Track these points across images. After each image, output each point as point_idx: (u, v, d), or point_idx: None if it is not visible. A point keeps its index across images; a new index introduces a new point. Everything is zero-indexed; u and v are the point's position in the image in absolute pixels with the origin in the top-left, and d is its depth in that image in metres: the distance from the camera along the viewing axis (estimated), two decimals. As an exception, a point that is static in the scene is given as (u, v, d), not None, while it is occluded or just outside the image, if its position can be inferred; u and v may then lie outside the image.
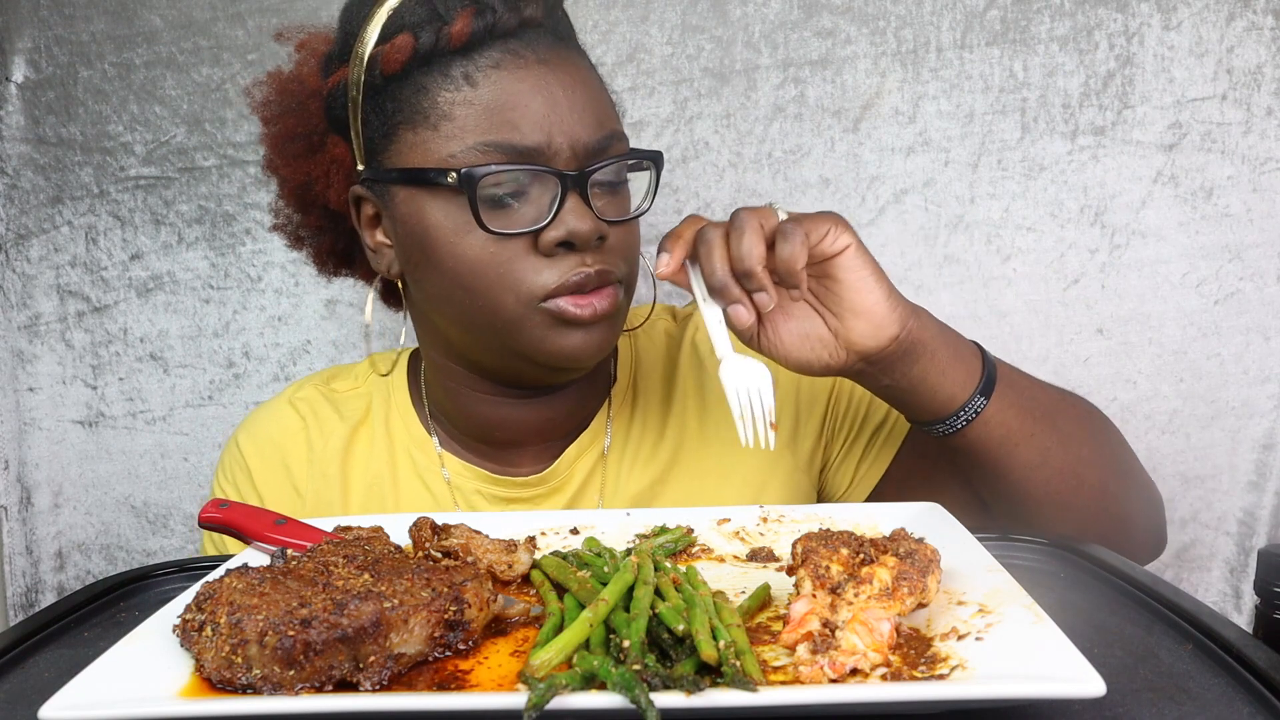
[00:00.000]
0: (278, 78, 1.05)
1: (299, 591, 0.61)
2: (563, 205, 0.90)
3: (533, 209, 0.91)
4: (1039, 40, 1.37)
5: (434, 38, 0.91)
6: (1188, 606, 0.65)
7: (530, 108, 0.91)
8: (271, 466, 1.09)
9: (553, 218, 0.90)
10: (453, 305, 0.96)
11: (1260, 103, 1.36)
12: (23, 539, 1.55)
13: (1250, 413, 1.42)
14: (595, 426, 1.09)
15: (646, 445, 1.09)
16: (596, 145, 0.93)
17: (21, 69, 1.45)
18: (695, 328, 1.15)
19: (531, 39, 0.93)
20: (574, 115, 0.92)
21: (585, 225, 0.90)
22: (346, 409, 1.12)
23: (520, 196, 0.91)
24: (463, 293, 0.94)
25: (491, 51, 0.91)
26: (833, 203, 1.43)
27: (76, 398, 1.53)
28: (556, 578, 0.72)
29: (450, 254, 0.93)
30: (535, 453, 1.08)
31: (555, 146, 0.91)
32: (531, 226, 0.90)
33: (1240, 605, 1.46)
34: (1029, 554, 0.79)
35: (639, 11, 1.40)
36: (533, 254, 0.91)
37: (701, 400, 1.11)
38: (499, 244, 0.91)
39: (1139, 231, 1.40)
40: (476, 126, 0.91)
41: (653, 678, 0.53)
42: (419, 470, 1.08)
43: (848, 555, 0.66)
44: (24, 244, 1.49)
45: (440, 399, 1.09)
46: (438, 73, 0.92)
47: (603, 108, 0.96)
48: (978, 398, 0.89)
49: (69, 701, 0.53)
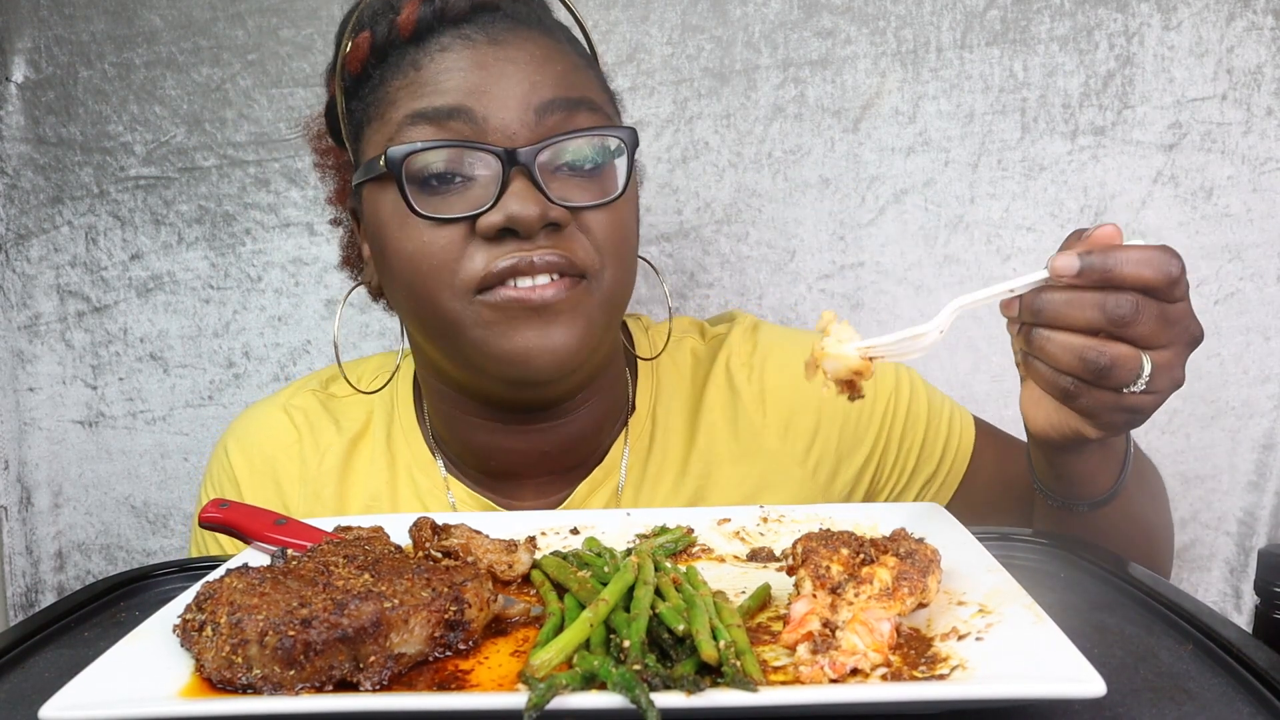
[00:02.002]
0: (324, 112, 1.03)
1: (299, 591, 0.61)
2: (505, 187, 0.81)
3: (477, 193, 0.83)
4: (1039, 40, 1.37)
5: (386, 30, 0.88)
6: (1188, 606, 0.65)
7: (465, 76, 0.83)
8: (261, 480, 1.04)
9: (495, 201, 0.81)
10: (406, 308, 0.90)
11: (1260, 103, 1.36)
12: (23, 539, 1.55)
13: (1250, 413, 1.42)
14: (609, 462, 1.00)
15: (667, 480, 1.01)
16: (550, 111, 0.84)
17: (21, 69, 1.45)
18: (730, 352, 1.04)
19: (486, 23, 0.87)
20: (524, 86, 0.83)
21: (528, 209, 0.80)
22: (345, 419, 1.05)
23: (463, 179, 0.83)
24: (406, 290, 0.87)
25: (441, 38, 0.87)
26: (833, 203, 1.43)
27: (76, 398, 1.53)
28: (556, 578, 0.72)
29: (395, 249, 0.86)
30: (540, 485, 1.01)
31: (498, 120, 0.82)
32: (469, 212, 0.82)
33: (1240, 605, 1.46)
34: (1029, 554, 0.79)
35: (639, 11, 1.40)
36: (474, 242, 0.83)
37: (733, 433, 1.01)
38: (434, 231, 0.83)
39: (1139, 231, 1.40)
40: (409, 99, 0.85)
41: (653, 678, 0.53)
42: (420, 493, 1.02)
43: (848, 555, 0.66)
44: (24, 244, 1.49)
45: (436, 424, 1.02)
46: (391, 66, 0.88)
47: (571, 78, 0.87)
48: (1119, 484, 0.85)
49: (69, 701, 0.53)
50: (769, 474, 1.02)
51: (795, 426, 1.03)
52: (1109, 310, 0.67)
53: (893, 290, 1.44)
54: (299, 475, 1.03)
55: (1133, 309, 0.67)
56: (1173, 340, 0.70)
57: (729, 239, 1.45)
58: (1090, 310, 0.67)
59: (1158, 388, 0.71)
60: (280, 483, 1.04)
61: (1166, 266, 0.67)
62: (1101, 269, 0.67)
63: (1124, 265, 0.67)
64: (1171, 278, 0.68)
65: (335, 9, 1.42)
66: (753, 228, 1.45)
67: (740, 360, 1.04)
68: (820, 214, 1.43)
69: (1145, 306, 0.68)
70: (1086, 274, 0.67)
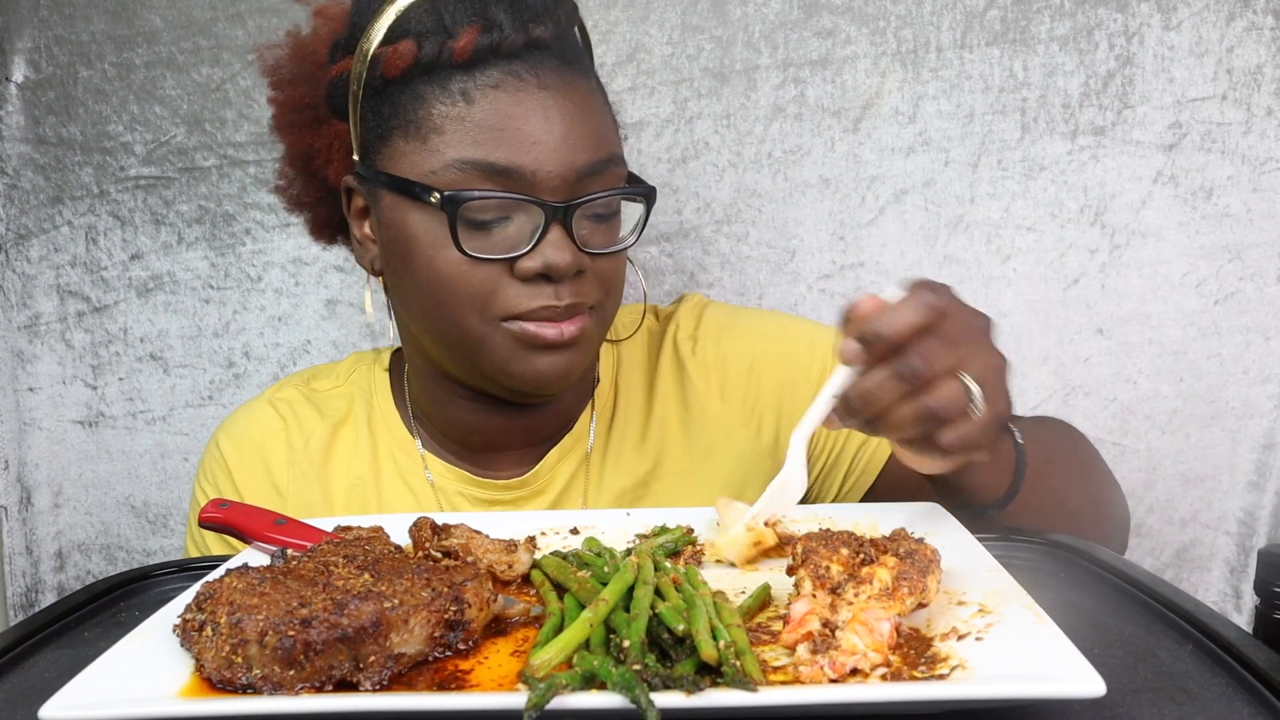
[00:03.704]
0: (293, 41, 1.04)
1: (299, 591, 0.61)
2: (544, 236, 0.89)
3: (514, 234, 0.91)
4: (1039, 40, 1.37)
5: (437, 50, 0.90)
6: (1188, 606, 0.65)
7: (520, 130, 0.89)
8: (251, 466, 1.09)
9: (532, 247, 0.89)
10: (424, 315, 0.96)
11: (1260, 103, 1.36)
12: (23, 539, 1.55)
13: (1250, 413, 1.42)
14: (579, 429, 1.08)
15: (629, 447, 1.09)
16: (589, 171, 0.92)
17: (21, 69, 1.45)
18: (676, 325, 1.13)
19: (536, 62, 0.91)
20: (568, 143, 0.90)
21: (564, 259, 0.89)
22: (328, 408, 1.11)
23: (503, 221, 0.91)
24: (433, 304, 0.94)
25: (493, 71, 0.90)
26: (833, 203, 1.43)
27: (76, 398, 1.53)
28: (556, 578, 0.72)
29: (426, 266, 0.92)
30: (517, 456, 1.08)
31: (544, 174, 0.89)
32: (509, 254, 0.90)
33: (1240, 605, 1.46)
34: (1029, 554, 0.79)
35: (639, 11, 1.40)
36: (507, 277, 0.91)
37: (683, 401, 1.10)
38: (474, 265, 0.91)
39: (1139, 231, 1.40)
40: (462, 142, 0.90)
41: (653, 678, 0.53)
42: (401, 471, 1.08)
43: (848, 555, 0.66)
44: (24, 244, 1.49)
45: (421, 401, 1.09)
46: (436, 85, 0.91)
47: (602, 133, 0.94)
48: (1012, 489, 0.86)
49: (69, 701, 0.53)
50: (715, 438, 1.09)
51: (734, 392, 1.10)
52: (903, 373, 0.70)
53: (893, 290, 1.43)
54: (287, 459, 1.09)
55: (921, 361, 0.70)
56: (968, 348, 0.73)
57: (729, 239, 1.45)
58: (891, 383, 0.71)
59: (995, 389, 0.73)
60: (270, 467, 1.08)
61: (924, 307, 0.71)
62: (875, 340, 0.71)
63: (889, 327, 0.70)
64: (939, 310, 0.71)
65: (335, 9, 1.41)
66: (753, 228, 1.45)
67: (686, 333, 1.13)
68: (820, 214, 1.43)
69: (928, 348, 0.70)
70: (871, 349, 0.71)
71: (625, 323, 1.14)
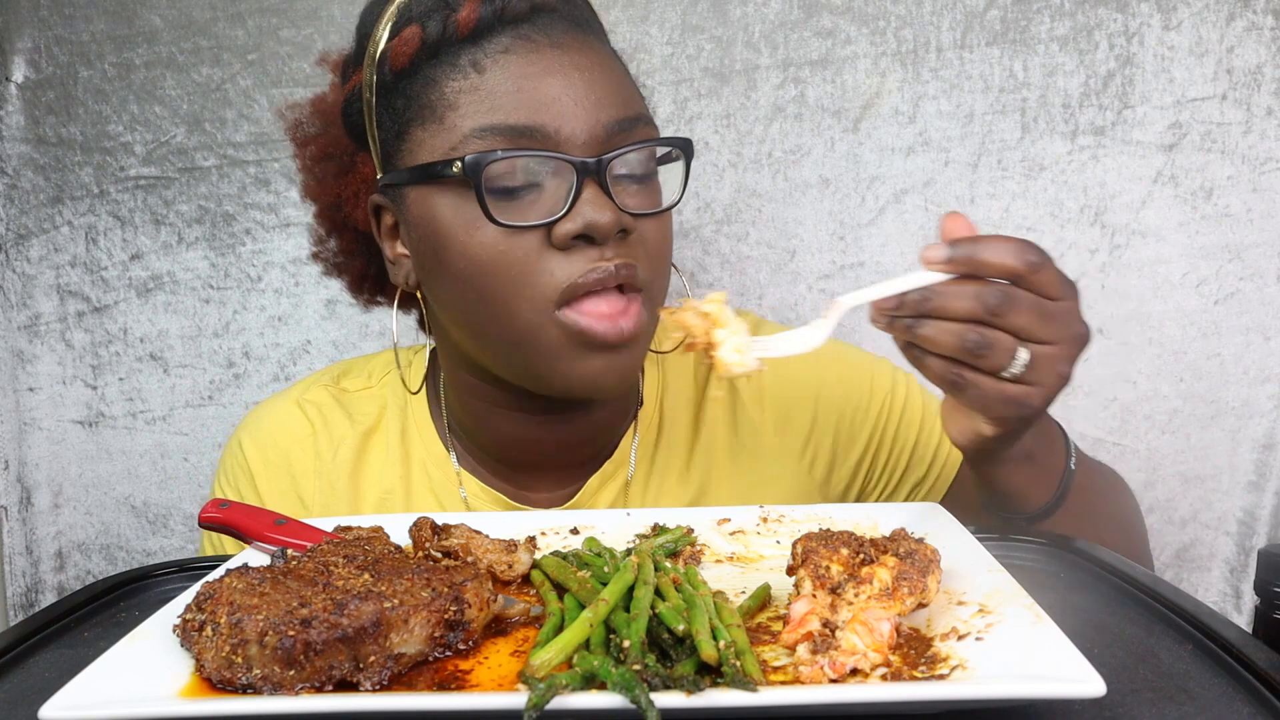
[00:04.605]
0: (312, 101, 1.02)
1: (299, 591, 0.61)
2: (579, 195, 0.83)
3: (548, 200, 0.85)
4: (1039, 40, 1.37)
5: (441, 27, 0.87)
6: (1188, 606, 0.65)
7: (538, 89, 0.84)
8: (276, 473, 1.04)
9: (568, 209, 0.83)
10: (465, 313, 0.90)
11: (1260, 103, 1.36)
12: (23, 539, 1.55)
13: (1250, 413, 1.42)
14: (620, 454, 1.03)
15: (672, 475, 1.03)
16: (618, 129, 0.86)
17: (21, 69, 1.45)
18: None
19: (545, 24, 0.88)
20: (591, 99, 0.85)
21: (605, 216, 0.82)
22: (358, 412, 1.05)
23: (533, 187, 0.85)
24: (475, 297, 0.87)
25: (501, 38, 0.86)
26: (833, 203, 1.43)
27: (76, 398, 1.53)
28: (556, 578, 0.72)
29: (461, 254, 0.87)
30: (556, 477, 1.03)
31: (569, 131, 0.84)
32: (545, 219, 0.84)
33: (1240, 605, 1.46)
34: (1029, 554, 0.79)
35: (639, 11, 1.40)
36: (547, 250, 0.84)
37: (733, 428, 1.04)
38: (510, 239, 0.84)
39: (1139, 231, 1.40)
40: (478, 111, 0.85)
41: (653, 678, 0.53)
42: (434, 486, 1.03)
43: (848, 555, 0.66)
44: (24, 244, 1.49)
45: (459, 414, 1.03)
46: (446, 64, 0.87)
47: (626, 92, 0.90)
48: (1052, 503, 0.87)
49: (69, 701, 0.53)
50: (767, 470, 1.04)
51: (791, 423, 1.05)
52: (983, 299, 0.72)
53: (893, 290, 1.43)
54: (314, 469, 1.03)
55: (1003, 297, 0.72)
56: (1053, 336, 0.73)
57: (729, 239, 1.45)
58: (967, 300, 0.72)
59: (1039, 380, 0.74)
60: (295, 476, 1.03)
61: (1025, 254, 0.72)
62: (967, 255, 0.72)
63: (986, 252, 0.72)
64: (1031, 264, 0.72)
65: (335, 9, 1.42)
66: (753, 228, 1.45)
67: None
68: (820, 214, 1.43)
69: (1017, 297, 0.72)
70: (955, 261, 0.72)
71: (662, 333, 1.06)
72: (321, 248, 1.07)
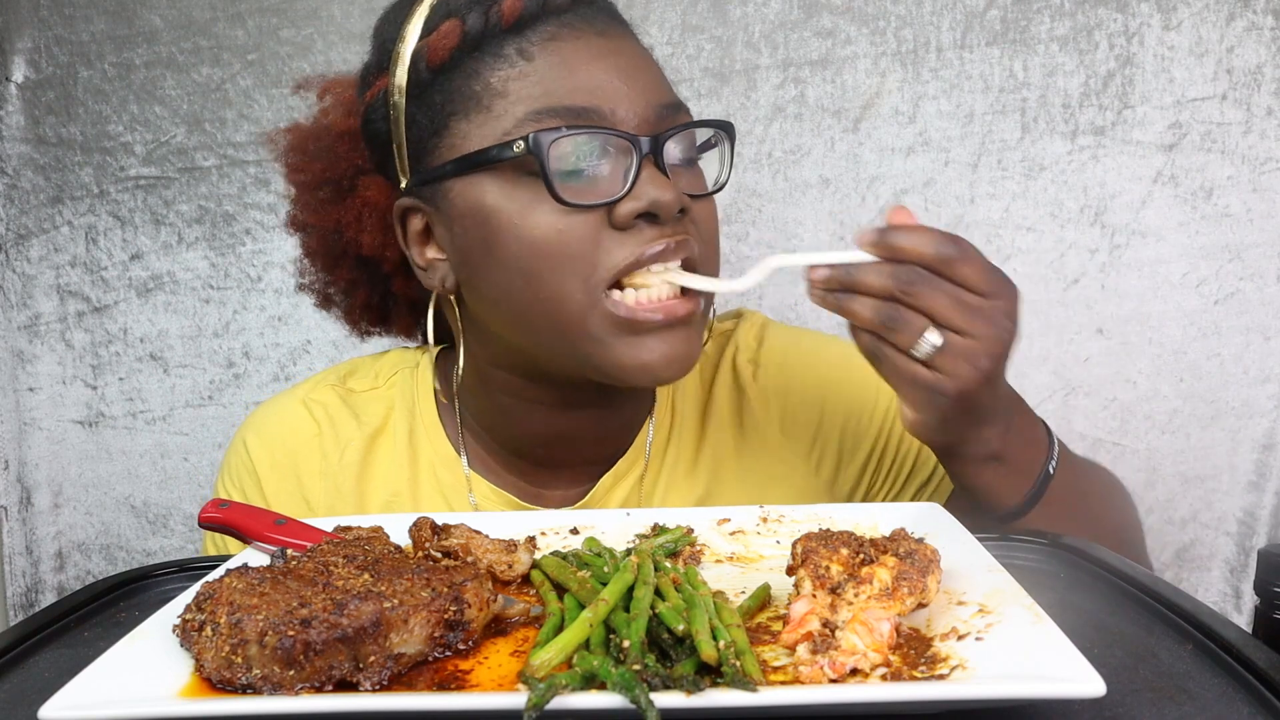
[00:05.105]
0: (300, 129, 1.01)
1: (299, 591, 0.61)
2: (639, 174, 0.83)
3: (605, 182, 0.84)
4: (1039, 40, 1.37)
5: (483, 19, 0.86)
6: (1188, 606, 0.65)
7: (591, 72, 0.85)
8: (282, 474, 1.02)
9: (629, 188, 0.83)
10: (512, 302, 0.88)
11: (1260, 103, 1.36)
12: (23, 539, 1.55)
13: (1250, 413, 1.42)
14: (633, 453, 1.02)
15: (680, 473, 1.03)
16: (667, 112, 0.87)
17: (21, 69, 1.45)
18: (736, 346, 1.07)
19: (587, 14, 0.89)
20: (640, 82, 0.87)
21: (667, 195, 0.82)
22: (365, 413, 1.04)
23: (591, 169, 0.84)
24: (524, 282, 0.86)
25: (546, 26, 0.87)
26: (833, 203, 1.43)
27: (76, 398, 1.53)
28: (556, 578, 0.72)
29: (515, 237, 0.85)
30: (570, 477, 1.02)
31: (623, 113, 0.85)
32: (607, 199, 0.83)
33: (1240, 605, 1.46)
34: (1029, 554, 0.79)
35: (639, 12, 1.40)
36: (606, 230, 0.84)
37: (739, 427, 1.04)
38: (569, 219, 0.83)
39: (1139, 231, 1.40)
40: (531, 95, 0.85)
41: (653, 678, 0.52)
42: (443, 489, 1.01)
43: (848, 555, 0.66)
44: (24, 244, 1.49)
45: (484, 413, 1.01)
46: (489, 55, 0.87)
47: (664, 81, 0.92)
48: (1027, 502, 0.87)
49: (69, 701, 0.53)
50: (773, 469, 1.04)
51: (798, 424, 1.05)
52: (896, 276, 0.76)
53: (893, 290, 1.44)
54: (320, 469, 1.02)
55: (915, 276, 0.76)
56: (970, 328, 0.76)
57: (729, 239, 1.45)
58: (882, 277, 0.77)
59: (950, 369, 0.77)
60: (301, 477, 1.02)
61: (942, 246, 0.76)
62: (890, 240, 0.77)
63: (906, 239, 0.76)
64: (945, 256, 0.75)
65: (335, 9, 1.42)
66: (753, 228, 1.45)
67: (747, 357, 1.07)
68: (820, 214, 1.43)
69: (930, 280, 0.76)
70: (879, 245, 0.77)
71: None
72: (308, 279, 1.06)
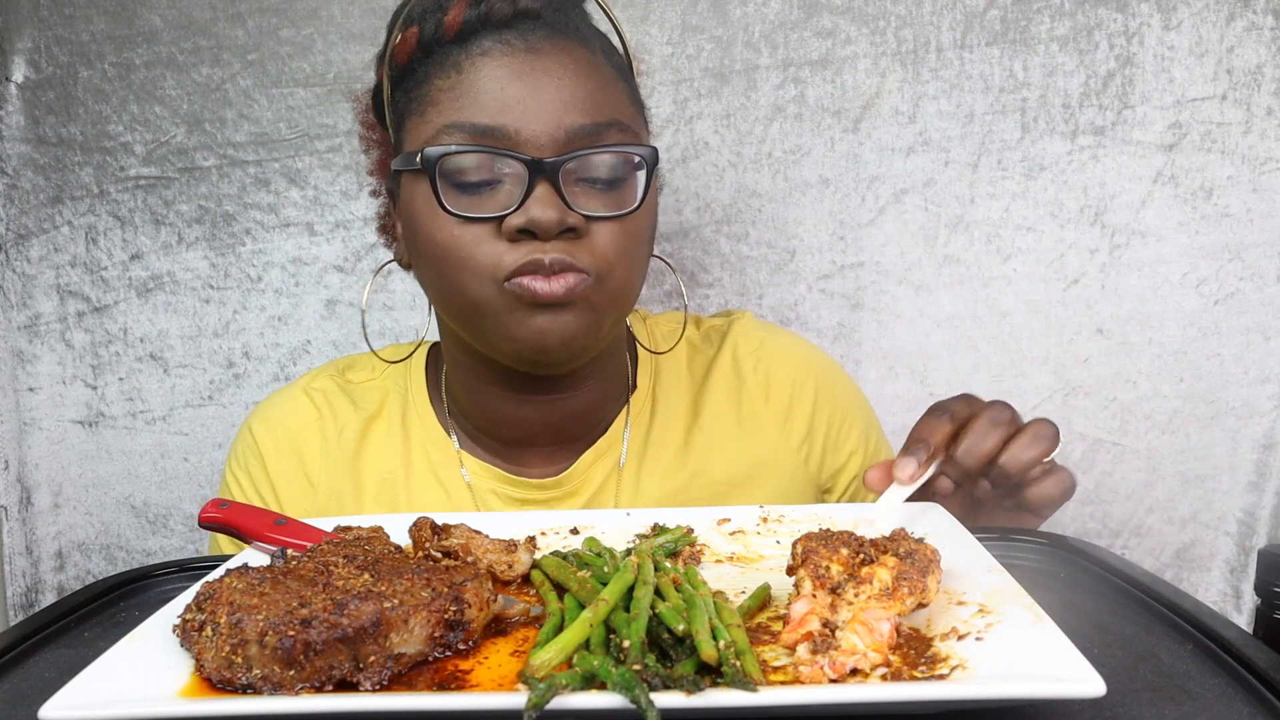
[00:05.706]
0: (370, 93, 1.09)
1: (299, 591, 0.61)
2: (530, 192, 0.88)
3: (504, 196, 0.90)
4: (1039, 40, 1.37)
5: (434, 28, 0.93)
6: (1188, 606, 0.65)
7: (505, 92, 0.90)
8: (285, 454, 1.09)
9: (519, 204, 0.89)
10: (434, 289, 0.97)
11: (1260, 103, 1.36)
12: (23, 539, 1.55)
13: (1250, 413, 1.42)
14: (612, 434, 1.08)
15: (666, 457, 1.09)
16: (581, 133, 0.90)
17: (21, 69, 1.45)
18: (736, 341, 1.14)
19: (525, 29, 0.92)
20: (558, 103, 0.90)
21: (548, 215, 0.87)
22: (362, 400, 1.12)
23: (491, 183, 0.90)
24: (435, 275, 0.94)
25: (483, 40, 0.92)
26: (833, 203, 1.43)
27: (76, 398, 1.53)
28: (556, 578, 0.72)
29: (425, 237, 0.93)
30: (549, 454, 1.08)
31: (530, 133, 0.89)
32: (497, 212, 0.89)
33: (1240, 605, 1.46)
34: (1029, 554, 0.79)
35: (639, 11, 1.40)
36: (496, 238, 0.90)
37: (737, 414, 1.10)
38: (464, 227, 0.90)
39: (1139, 231, 1.40)
40: (450, 109, 0.91)
41: (653, 678, 0.53)
42: (434, 467, 1.08)
43: (848, 555, 0.66)
44: (24, 244, 1.49)
45: (457, 394, 1.09)
46: (436, 63, 0.94)
47: (603, 99, 0.93)
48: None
49: (69, 701, 0.53)
50: (764, 456, 1.10)
51: (793, 419, 1.12)
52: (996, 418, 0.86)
53: (893, 290, 1.44)
54: (320, 448, 1.09)
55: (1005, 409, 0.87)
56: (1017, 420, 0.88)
57: (729, 239, 1.45)
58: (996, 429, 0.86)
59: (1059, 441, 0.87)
60: (302, 454, 1.09)
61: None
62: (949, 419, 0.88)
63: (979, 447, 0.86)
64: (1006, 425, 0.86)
65: (335, 9, 1.42)
66: (753, 228, 1.45)
67: (748, 349, 1.13)
68: (820, 214, 1.43)
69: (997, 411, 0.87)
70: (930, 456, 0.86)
71: (665, 332, 1.15)
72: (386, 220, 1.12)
